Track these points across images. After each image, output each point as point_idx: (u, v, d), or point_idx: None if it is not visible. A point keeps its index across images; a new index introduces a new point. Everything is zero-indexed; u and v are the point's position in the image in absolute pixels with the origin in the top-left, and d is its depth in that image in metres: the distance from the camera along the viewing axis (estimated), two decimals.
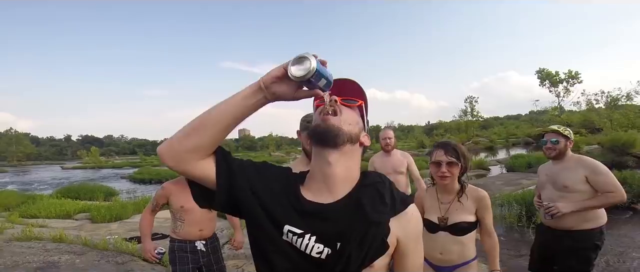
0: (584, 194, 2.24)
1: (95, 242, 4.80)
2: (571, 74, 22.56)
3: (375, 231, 0.79)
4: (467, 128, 40.61)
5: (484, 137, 40.71)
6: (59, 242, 4.78)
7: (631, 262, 3.64)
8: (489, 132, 47.47)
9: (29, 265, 3.74)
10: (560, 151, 2.34)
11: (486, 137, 40.65)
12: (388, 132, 3.57)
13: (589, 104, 20.45)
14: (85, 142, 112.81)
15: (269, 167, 0.91)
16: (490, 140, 36.63)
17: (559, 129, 2.36)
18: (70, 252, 4.35)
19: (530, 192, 5.92)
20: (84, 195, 11.94)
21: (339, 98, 0.86)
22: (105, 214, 7.32)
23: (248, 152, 76.20)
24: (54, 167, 46.90)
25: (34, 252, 4.24)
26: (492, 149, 30.23)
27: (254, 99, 0.78)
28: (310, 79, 0.74)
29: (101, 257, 4.23)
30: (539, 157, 13.85)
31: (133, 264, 4.04)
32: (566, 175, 2.30)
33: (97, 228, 6.55)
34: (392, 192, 0.85)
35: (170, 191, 2.35)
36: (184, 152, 0.78)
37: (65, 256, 4.14)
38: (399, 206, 0.84)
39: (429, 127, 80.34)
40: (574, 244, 2.27)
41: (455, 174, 1.72)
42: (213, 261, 2.45)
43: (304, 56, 0.74)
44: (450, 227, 1.76)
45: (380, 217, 0.80)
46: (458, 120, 42.59)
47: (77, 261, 4.05)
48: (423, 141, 40.58)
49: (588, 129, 18.40)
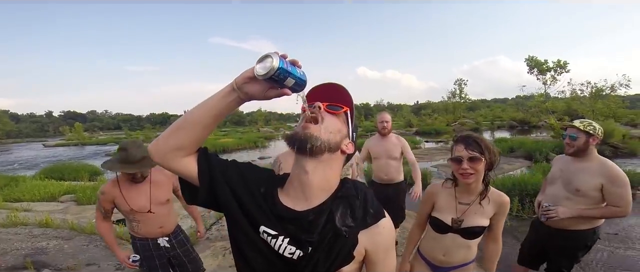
0: (593, 200, 2.09)
1: (82, 226, 4.80)
2: (559, 63, 22.81)
3: (343, 242, 0.83)
4: (454, 109, 41.07)
5: (470, 118, 41.39)
6: (45, 227, 4.76)
7: (596, 253, 3.73)
8: (475, 114, 48.23)
9: (18, 252, 3.75)
10: (579, 149, 2.11)
11: (472, 118, 41.38)
12: (385, 115, 3.53)
13: (573, 93, 20.87)
14: (67, 118, 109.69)
15: (252, 169, 0.95)
16: (476, 122, 37.34)
17: (579, 125, 2.11)
18: (57, 237, 4.36)
19: (510, 178, 6.02)
20: (68, 175, 11.72)
21: (324, 104, 0.88)
22: (90, 195, 7.21)
23: (236, 127, 75.43)
24: (35, 144, 45.66)
25: (21, 238, 4.23)
26: (478, 130, 30.76)
27: (229, 99, 0.81)
28: (273, 77, 0.74)
29: (89, 242, 4.26)
30: (522, 141, 14.22)
31: (121, 247, 4.05)
32: (583, 178, 2.09)
33: (83, 210, 6.49)
34: (365, 205, 0.88)
35: (113, 195, 2.11)
36: (168, 150, 0.84)
37: (53, 242, 4.16)
38: (370, 220, 0.86)
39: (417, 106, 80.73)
40: (566, 243, 2.24)
41: (479, 171, 1.50)
42: (182, 254, 2.37)
43: (267, 55, 0.74)
44: (462, 230, 1.62)
45: (348, 230, 0.83)
46: (446, 101, 42.97)
47: (65, 246, 4.08)
48: (411, 120, 40.96)
49: (571, 116, 18.87)
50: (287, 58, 0.78)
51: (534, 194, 4.83)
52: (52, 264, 3.53)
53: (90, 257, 3.77)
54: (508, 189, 5.22)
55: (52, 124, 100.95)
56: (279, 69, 0.73)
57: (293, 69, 0.77)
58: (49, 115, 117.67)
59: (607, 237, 4.23)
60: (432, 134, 28.20)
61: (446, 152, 14.17)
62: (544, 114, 21.25)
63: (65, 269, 3.47)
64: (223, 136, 32.87)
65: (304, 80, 0.81)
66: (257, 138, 28.65)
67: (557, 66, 23.55)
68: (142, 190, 2.17)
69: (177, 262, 2.37)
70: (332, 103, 0.89)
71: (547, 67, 23.48)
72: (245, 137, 29.03)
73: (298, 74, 0.78)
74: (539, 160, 10.14)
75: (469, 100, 44.74)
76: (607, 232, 4.41)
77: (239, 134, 39.02)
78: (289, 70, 0.75)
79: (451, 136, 25.45)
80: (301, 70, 0.80)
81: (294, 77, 0.77)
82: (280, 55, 0.75)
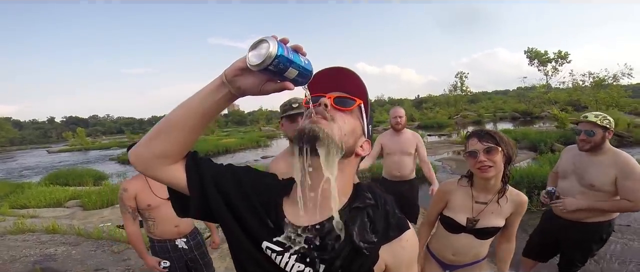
0: (609, 195, 2.02)
1: (89, 231, 4.82)
2: (560, 54, 22.75)
3: (362, 260, 0.72)
4: (456, 102, 40.95)
5: (472, 111, 41.23)
6: (52, 233, 4.78)
7: (609, 246, 3.61)
8: (477, 106, 48.01)
9: (27, 259, 3.76)
10: (596, 144, 2.02)
11: (474, 111, 41.20)
12: (399, 110, 3.40)
13: (575, 83, 20.81)
14: (69, 123, 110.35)
15: (252, 175, 0.82)
16: (478, 114, 37.21)
17: (595, 119, 2.01)
18: (65, 243, 4.38)
19: (516, 170, 5.89)
20: (72, 180, 11.82)
21: (331, 97, 0.75)
22: (96, 200, 7.27)
23: (238, 127, 75.53)
24: (39, 151, 45.89)
25: (29, 245, 4.25)
26: (480, 122, 30.65)
27: (218, 95, 0.67)
28: (271, 67, 0.59)
29: (97, 247, 4.27)
30: (526, 133, 14.12)
31: (129, 252, 4.07)
32: (597, 172, 2.03)
33: (89, 215, 6.53)
34: (387, 215, 0.76)
35: (136, 190, 2.13)
36: (151, 158, 0.71)
37: (61, 248, 4.17)
38: (392, 233, 0.75)
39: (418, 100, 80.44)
40: (581, 236, 2.18)
41: (497, 162, 1.41)
42: (198, 257, 2.37)
43: (262, 39, 0.60)
44: (476, 230, 1.55)
45: (369, 247, 0.72)
46: (447, 94, 42.83)
47: (73, 252, 4.08)
48: (413, 115, 40.81)
49: (574, 106, 18.80)
50: (288, 43, 0.63)
51: (542, 187, 4.78)
52: (61, 270, 3.54)
53: (98, 263, 3.77)
54: (516, 182, 5.14)
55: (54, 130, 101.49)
56: (278, 57, 0.58)
57: (295, 56, 0.62)
58: (52, 121, 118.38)
59: (619, 229, 4.19)
60: (434, 127, 28.07)
61: (449, 145, 14.12)
62: (546, 104, 21.17)
63: None
64: (225, 136, 32.94)
65: (309, 70, 0.66)
66: (259, 138, 28.63)
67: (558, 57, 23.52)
68: None
69: (194, 266, 2.36)
70: (342, 94, 0.76)
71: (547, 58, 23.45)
72: (247, 137, 29.02)
73: (302, 63, 0.64)
74: (544, 151, 10.06)
75: (470, 93, 44.58)
76: (619, 223, 4.36)
77: (241, 134, 39.10)
78: (291, 58, 0.61)
79: (453, 129, 25.36)
80: (306, 59, 0.66)
81: (297, 67, 0.63)
82: (279, 40, 0.60)
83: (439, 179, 3.33)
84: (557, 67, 22.84)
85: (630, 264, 3.32)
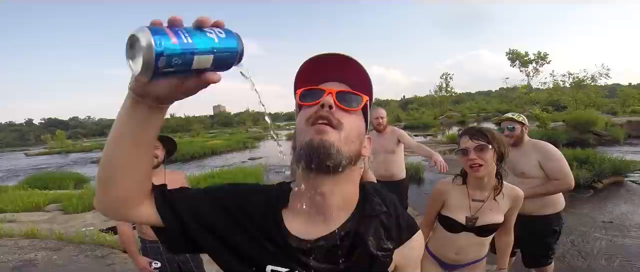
0: (539, 180, 2.26)
1: (70, 235, 4.67)
2: (540, 55, 23.47)
3: (380, 266, 0.69)
4: (441, 103, 41.66)
5: (456, 111, 42.04)
6: (32, 238, 4.61)
7: (594, 242, 3.82)
8: (461, 107, 49.12)
9: (5, 265, 3.62)
10: (518, 137, 2.35)
11: (459, 111, 42.03)
12: (380, 111, 3.45)
13: (555, 83, 21.52)
14: (48, 125, 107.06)
15: (239, 196, 0.72)
16: (463, 114, 37.97)
17: (513, 116, 2.39)
18: (45, 248, 4.22)
19: None
20: (52, 184, 11.42)
21: (333, 93, 0.64)
22: (77, 203, 7.07)
23: (224, 128, 74.87)
24: (16, 154, 44.31)
25: (7, 251, 4.08)
26: (464, 123, 31.28)
27: (138, 114, 0.53)
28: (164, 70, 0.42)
29: (79, 252, 4.14)
30: None
31: (114, 256, 3.97)
32: (523, 161, 2.31)
33: (71, 219, 6.34)
34: (398, 219, 0.74)
35: None
36: (114, 207, 0.63)
37: (41, 253, 4.02)
38: (404, 235, 0.74)
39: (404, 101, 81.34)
40: (534, 230, 2.31)
41: (488, 160, 1.42)
42: (189, 258, 2.37)
43: (133, 35, 0.42)
44: (477, 229, 1.54)
45: (386, 254, 0.70)
46: (433, 95, 43.53)
47: (54, 257, 3.94)
48: (399, 115, 41.32)
49: (554, 106, 19.41)
50: (180, 24, 0.45)
51: None
52: None
53: (81, 268, 3.66)
54: None
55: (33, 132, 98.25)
56: (162, 53, 0.41)
57: (198, 38, 0.45)
58: (30, 123, 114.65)
59: (603, 225, 4.32)
60: (420, 128, 28.48)
61: (436, 145, 14.30)
62: (527, 104, 21.75)
63: None
64: (211, 138, 32.52)
65: (231, 47, 0.49)
66: (246, 139, 28.46)
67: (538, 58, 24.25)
68: (159, 178, 2.20)
69: (185, 268, 2.36)
70: (346, 89, 0.67)
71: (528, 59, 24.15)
72: (234, 138, 28.83)
73: (213, 44, 0.46)
74: None
75: (454, 94, 45.48)
76: (603, 220, 4.50)
77: (227, 135, 38.73)
78: (189, 44, 0.43)
79: (439, 129, 25.74)
80: (219, 32, 0.48)
81: (207, 51, 0.45)
82: (158, 27, 0.43)
83: (427, 181, 3.37)
84: (537, 67, 23.53)
85: (616, 259, 3.42)
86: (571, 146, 9.37)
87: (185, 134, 58.10)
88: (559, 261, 3.53)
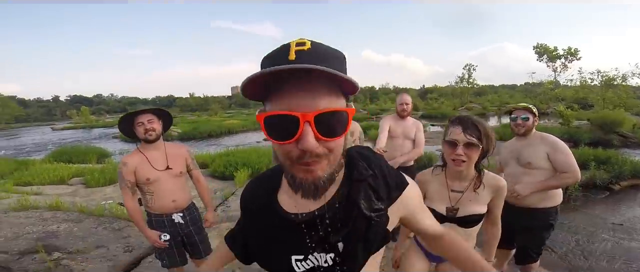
0: (546, 171, 2.27)
1: (91, 208, 4.89)
2: (570, 51, 22.43)
3: (376, 226, 0.73)
4: (461, 94, 40.64)
5: (477, 103, 40.97)
6: (55, 210, 4.86)
7: (600, 243, 3.77)
8: (482, 99, 47.70)
9: (29, 235, 3.83)
10: (529, 128, 2.34)
11: (479, 104, 40.92)
12: (406, 97, 3.47)
13: (583, 81, 20.55)
14: (74, 102, 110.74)
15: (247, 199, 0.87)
16: (483, 107, 36.93)
17: (529, 106, 2.37)
18: (67, 220, 4.46)
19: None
20: (76, 158, 11.92)
21: (312, 121, 0.55)
22: (98, 177, 7.36)
23: (241, 109, 75.67)
24: (44, 128, 46.21)
25: (32, 222, 4.32)
26: (484, 115, 30.50)
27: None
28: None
29: (98, 224, 4.35)
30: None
31: (129, 229, 4.15)
32: (530, 152, 2.31)
33: (92, 193, 6.62)
34: (386, 180, 0.76)
35: (135, 164, 2.20)
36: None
37: (63, 225, 4.25)
38: (394, 193, 0.77)
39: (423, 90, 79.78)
40: (531, 222, 2.33)
41: (473, 159, 1.38)
42: (194, 232, 2.41)
43: None
44: (458, 219, 1.52)
45: (378, 214, 0.74)
46: (453, 86, 42.49)
47: (75, 229, 4.17)
48: (417, 104, 40.65)
49: (580, 104, 18.61)
50: None
51: None
52: (62, 247, 3.62)
53: (99, 240, 3.86)
54: None
55: (59, 108, 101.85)
56: None
57: None
58: (56, 99, 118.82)
59: (612, 227, 4.23)
60: (438, 117, 27.96)
61: None
62: (552, 101, 20.99)
63: (75, 252, 3.55)
64: (228, 118, 33.03)
65: None
66: None
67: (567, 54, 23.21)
68: (160, 151, 2.31)
69: (190, 241, 2.41)
70: (326, 109, 0.56)
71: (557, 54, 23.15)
72: (250, 119, 29.15)
73: None
74: None
75: (476, 86, 44.26)
76: (613, 222, 4.40)
77: (244, 115, 39.22)
78: None
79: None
80: None
81: None
82: None
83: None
84: (566, 63, 22.58)
85: (618, 261, 3.37)
86: (593, 146, 9.04)
87: (203, 113, 59.16)
88: (561, 259, 3.52)
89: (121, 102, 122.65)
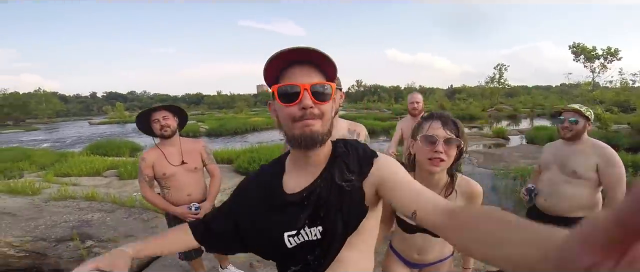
0: (590, 182, 2.06)
1: (123, 199, 5.12)
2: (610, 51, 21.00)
3: (349, 197, 0.83)
4: (491, 95, 39.18)
5: (508, 105, 39.36)
6: (91, 200, 5.14)
7: None
8: (514, 100, 45.72)
9: (66, 224, 4.08)
10: (578, 132, 2.11)
11: (510, 105, 39.25)
12: (416, 96, 3.49)
13: (624, 82, 19.19)
14: (109, 98, 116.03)
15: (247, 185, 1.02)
16: (515, 108, 35.35)
17: (580, 109, 2.13)
18: (101, 210, 4.71)
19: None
20: (111, 151, 12.58)
21: (308, 88, 0.77)
22: (131, 170, 7.66)
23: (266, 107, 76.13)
24: (82, 122, 48.83)
25: (69, 211, 4.59)
26: (515, 117, 29.33)
27: None
28: None
29: (129, 215, 4.56)
30: None
31: (157, 220, 4.33)
32: (578, 160, 2.09)
33: (124, 185, 6.91)
34: (358, 157, 0.88)
35: (153, 159, 2.33)
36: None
37: (97, 214, 4.50)
38: (365, 168, 0.86)
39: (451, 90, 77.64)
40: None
41: (451, 158, 1.27)
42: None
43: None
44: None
45: (349, 184, 0.84)
46: (483, 86, 41.05)
47: (107, 218, 4.39)
48: (443, 105, 39.60)
49: (621, 107, 17.43)
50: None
51: None
52: (95, 235, 3.83)
53: (129, 230, 4.05)
54: None
55: (96, 104, 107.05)
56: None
57: None
58: (93, 96, 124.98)
59: None
60: (465, 119, 27.15)
61: (479, 138, 13.68)
62: (590, 103, 19.86)
63: (107, 240, 3.75)
64: (253, 115, 33.59)
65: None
66: None
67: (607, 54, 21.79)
68: (175, 147, 2.41)
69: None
70: (317, 82, 0.79)
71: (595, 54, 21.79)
72: None
73: None
74: None
75: (508, 86, 42.56)
76: None
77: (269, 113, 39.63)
78: None
79: (486, 122, 24.40)
80: None
81: None
82: None
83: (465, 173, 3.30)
84: (605, 64, 21.26)
85: None
86: (633, 151, 8.52)
87: (229, 110, 60.60)
88: None
89: (153, 99, 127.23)
